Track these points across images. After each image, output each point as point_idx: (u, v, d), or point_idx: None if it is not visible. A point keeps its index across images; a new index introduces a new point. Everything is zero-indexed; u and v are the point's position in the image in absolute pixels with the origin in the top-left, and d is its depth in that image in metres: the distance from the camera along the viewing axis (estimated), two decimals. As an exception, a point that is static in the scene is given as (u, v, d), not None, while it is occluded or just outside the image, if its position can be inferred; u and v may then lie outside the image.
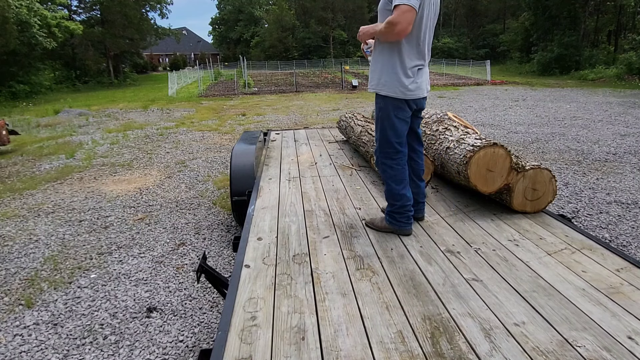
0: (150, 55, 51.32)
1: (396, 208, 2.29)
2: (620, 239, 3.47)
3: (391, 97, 2.19)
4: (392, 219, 2.31)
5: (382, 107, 2.23)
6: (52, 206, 4.65)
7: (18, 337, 2.45)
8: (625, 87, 16.67)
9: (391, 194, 2.30)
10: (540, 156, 6.22)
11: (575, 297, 1.68)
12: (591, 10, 26.21)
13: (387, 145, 2.27)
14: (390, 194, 2.31)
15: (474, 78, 22.78)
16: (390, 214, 2.32)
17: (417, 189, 2.45)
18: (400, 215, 2.29)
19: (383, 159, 2.31)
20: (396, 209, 2.29)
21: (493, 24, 44.28)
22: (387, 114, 2.22)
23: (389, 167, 2.29)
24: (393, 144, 2.26)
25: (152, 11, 33.62)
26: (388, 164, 2.29)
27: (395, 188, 2.29)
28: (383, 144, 2.28)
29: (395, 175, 2.29)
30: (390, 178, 2.29)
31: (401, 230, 2.31)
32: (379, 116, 2.26)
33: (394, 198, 2.30)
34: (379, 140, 2.30)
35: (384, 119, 2.24)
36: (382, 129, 2.26)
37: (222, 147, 7.51)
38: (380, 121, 2.26)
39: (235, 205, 3.36)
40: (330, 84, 21.55)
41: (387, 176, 2.31)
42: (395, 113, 2.21)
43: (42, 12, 19.44)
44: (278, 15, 47.94)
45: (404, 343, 1.44)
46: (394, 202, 2.30)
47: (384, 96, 2.21)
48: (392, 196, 2.30)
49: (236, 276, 1.89)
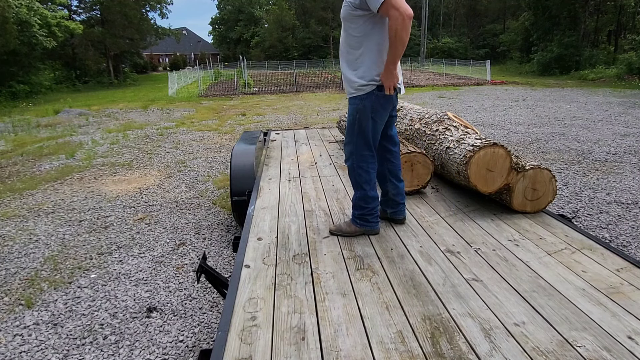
0: (150, 55, 51.29)
1: (368, 211, 2.29)
2: (620, 239, 3.47)
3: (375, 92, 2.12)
4: (363, 221, 2.30)
5: (360, 108, 2.17)
6: (52, 206, 4.65)
7: (18, 337, 2.45)
8: (625, 87, 16.67)
9: (364, 198, 2.28)
10: (540, 156, 6.22)
11: (575, 297, 1.68)
12: (591, 10, 26.20)
13: (365, 149, 2.24)
14: (363, 199, 2.28)
15: (474, 78, 22.77)
16: (361, 217, 2.30)
17: (396, 190, 2.43)
18: (371, 215, 2.29)
19: (360, 163, 2.26)
20: (368, 212, 2.29)
21: (493, 24, 44.27)
22: (365, 115, 2.17)
23: (365, 171, 2.26)
24: (371, 147, 2.24)
25: (152, 11, 33.64)
26: (365, 168, 2.26)
27: (369, 192, 2.28)
28: (360, 147, 2.23)
29: (370, 180, 2.28)
30: (366, 182, 2.27)
31: (372, 230, 2.31)
32: (356, 119, 2.19)
33: (366, 202, 2.28)
34: (356, 144, 2.24)
35: (363, 120, 2.18)
36: (361, 132, 2.21)
37: (222, 147, 7.51)
38: (358, 123, 2.19)
39: (235, 205, 3.36)
40: (330, 84, 21.53)
41: (362, 181, 2.27)
42: (373, 115, 2.16)
43: (42, 12, 19.42)
44: (278, 15, 47.94)
45: (404, 343, 1.44)
46: (366, 205, 2.28)
47: (365, 95, 2.14)
48: (364, 200, 2.28)
49: (236, 276, 1.89)
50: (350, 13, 2.10)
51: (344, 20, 2.15)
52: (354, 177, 2.31)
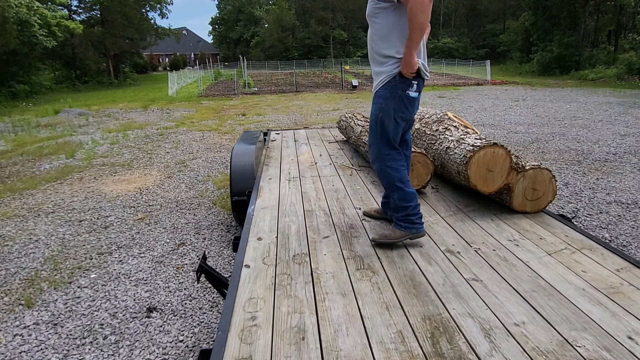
0: (150, 55, 51.30)
1: (411, 209, 2.16)
2: (620, 239, 3.47)
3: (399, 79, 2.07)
4: (408, 223, 2.15)
5: (384, 108, 2.12)
6: (52, 206, 4.65)
7: (18, 337, 2.45)
8: (625, 87, 16.67)
9: (404, 196, 2.17)
10: (540, 156, 6.22)
11: (575, 297, 1.68)
12: (591, 10, 26.20)
13: (389, 148, 2.19)
14: (403, 197, 2.17)
15: (474, 78, 22.78)
16: (406, 218, 2.16)
17: None
18: (415, 216, 2.16)
19: (388, 163, 2.19)
20: (411, 211, 2.16)
21: (493, 24, 44.28)
22: (388, 115, 2.12)
23: (395, 169, 2.18)
24: (395, 145, 2.19)
25: (152, 11, 33.71)
26: (394, 166, 2.18)
27: (406, 189, 2.17)
28: (384, 147, 2.19)
29: (403, 177, 2.19)
30: (399, 180, 2.17)
31: (419, 233, 2.17)
32: (379, 118, 2.15)
33: (407, 200, 2.16)
34: (379, 145, 2.20)
35: (385, 120, 2.14)
36: (383, 132, 2.16)
37: (222, 147, 7.51)
38: (380, 123, 2.15)
39: (235, 205, 3.36)
40: (330, 84, 21.54)
41: (395, 179, 2.18)
42: (396, 115, 2.12)
43: (42, 12, 19.43)
44: (278, 15, 47.93)
45: (404, 343, 1.44)
46: (407, 204, 2.16)
47: (389, 94, 2.10)
48: (404, 199, 2.17)
49: (236, 276, 1.89)
50: (374, 8, 2.08)
51: (369, 17, 2.13)
52: (385, 178, 2.22)
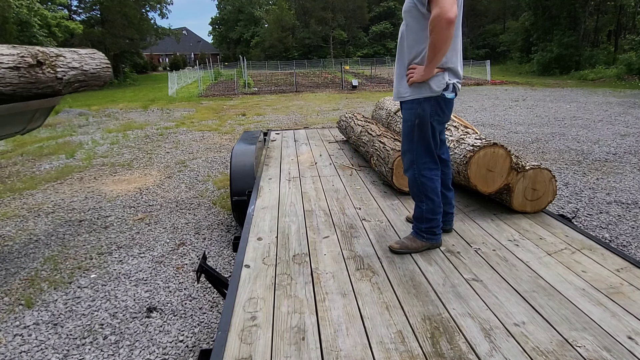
0: (150, 55, 51.30)
1: (436, 222, 2.10)
2: (620, 239, 3.46)
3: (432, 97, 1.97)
4: (430, 234, 2.11)
5: (420, 113, 2.00)
6: (52, 206, 4.65)
7: (18, 337, 2.45)
8: (625, 87, 16.66)
9: (433, 209, 2.08)
10: (540, 156, 6.22)
11: (575, 297, 1.68)
12: (591, 10, 26.21)
13: (426, 156, 2.06)
14: (432, 210, 2.08)
15: (474, 78, 22.77)
16: (429, 230, 2.10)
17: (445, 200, 2.24)
18: (438, 228, 2.12)
19: (423, 172, 2.07)
20: (435, 224, 2.10)
21: (493, 24, 44.28)
22: (425, 120, 2.00)
23: (429, 179, 2.07)
24: (433, 153, 2.07)
25: (152, 11, 33.74)
26: (429, 176, 2.07)
27: (436, 201, 2.08)
28: (421, 155, 2.06)
29: (436, 188, 2.08)
30: (432, 191, 2.07)
31: (437, 243, 2.15)
32: (415, 124, 2.02)
33: (435, 212, 2.09)
34: (416, 152, 2.06)
35: (423, 126, 2.01)
36: (421, 138, 2.03)
37: (222, 147, 7.51)
38: (418, 129, 2.02)
39: (235, 205, 3.35)
40: (330, 84, 21.54)
41: (428, 190, 2.07)
42: (432, 120, 2.01)
43: (42, 12, 19.45)
44: (278, 15, 47.95)
45: (404, 343, 1.44)
46: (434, 216, 2.09)
47: (423, 98, 1.99)
48: (433, 212, 2.09)
49: (236, 276, 1.89)
50: (410, 6, 1.95)
51: (404, 13, 2.00)
52: (417, 188, 2.10)
